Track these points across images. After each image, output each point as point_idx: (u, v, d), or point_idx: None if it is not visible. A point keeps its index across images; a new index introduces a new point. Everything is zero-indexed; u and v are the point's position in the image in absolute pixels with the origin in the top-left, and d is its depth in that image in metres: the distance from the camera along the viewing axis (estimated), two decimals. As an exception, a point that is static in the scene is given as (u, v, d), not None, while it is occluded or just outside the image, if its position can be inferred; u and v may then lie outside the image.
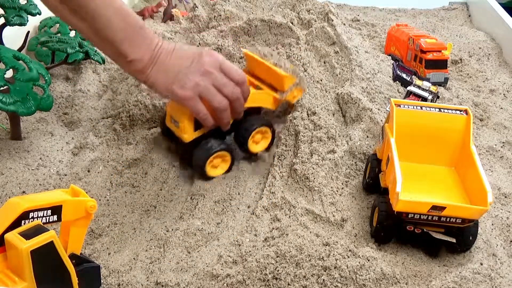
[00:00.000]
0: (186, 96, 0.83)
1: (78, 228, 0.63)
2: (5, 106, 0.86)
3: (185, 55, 0.85)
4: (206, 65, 0.84)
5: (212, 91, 0.84)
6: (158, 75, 0.84)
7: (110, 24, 0.82)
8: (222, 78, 0.84)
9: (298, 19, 1.17)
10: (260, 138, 0.93)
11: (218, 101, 0.84)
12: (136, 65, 0.84)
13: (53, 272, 0.58)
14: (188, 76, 0.83)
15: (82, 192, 0.63)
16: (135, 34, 0.84)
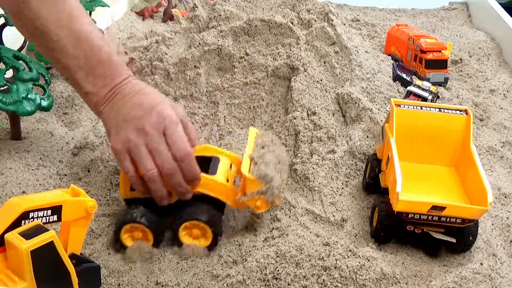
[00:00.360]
0: (114, 147, 0.73)
1: (78, 228, 0.63)
2: (5, 106, 0.86)
3: (141, 103, 0.74)
4: (146, 123, 0.72)
5: (143, 153, 0.71)
6: (108, 115, 0.76)
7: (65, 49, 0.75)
8: (159, 144, 0.72)
9: (298, 19, 1.17)
10: (199, 234, 0.74)
11: (146, 167, 0.71)
12: (90, 98, 0.77)
13: (53, 272, 0.57)
14: (124, 128, 0.73)
15: (82, 192, 0.63)
16: (92, 66, 0.76)
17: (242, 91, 1.04)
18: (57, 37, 0.75)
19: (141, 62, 1.15)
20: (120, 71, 0.78)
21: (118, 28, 1.52)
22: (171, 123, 0.73)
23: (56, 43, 0.75)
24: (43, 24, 0.74)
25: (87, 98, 0.78)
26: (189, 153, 0.72)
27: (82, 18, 0.78)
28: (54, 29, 0.75)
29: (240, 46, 1.07)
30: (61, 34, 0.75)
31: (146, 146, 0.72)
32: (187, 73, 1.05)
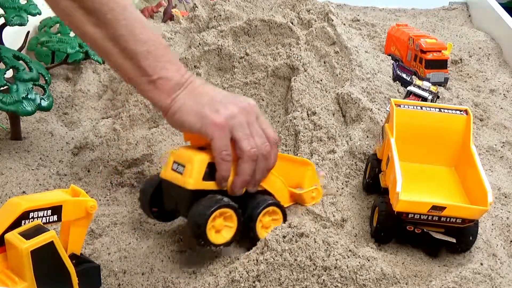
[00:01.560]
0: (218, 121, 0.69)
1: (78, 228, 0.63)
2: (5, 106, 0.86)
3: (220, 90, 0.75)
4: (244, 104, 0.72)
5: (247, 131, 0.70)
6: (186, 100, 0.72)
7: (134, 34, 0.71)
8: (257, 127, 0.72)
9: (298, 19, 1.17)
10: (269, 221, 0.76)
11: (251, 144, 0.70)
12: (163, 85, 0.72)
13: (53, 272, 0.57)
14: (225, 104, 0.71)
15: (82, 192, 0.63)
16: (161, 50, 0.73)
17: (242, 91, 1.04)
18: (125, 21, 0.71)
19: (141, 62, 1.15)
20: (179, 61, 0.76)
21: (118, 28, 1.52)
22: (260, 112, 0.75)
23: (125, 27, 0.71)
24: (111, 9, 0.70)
25: (158, 85, 0.72)
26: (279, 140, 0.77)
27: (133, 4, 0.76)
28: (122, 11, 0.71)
29: (240, 46, 1.07)
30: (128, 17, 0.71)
31: (248, 125, 0.71)
32: (187, 73, 1.05)
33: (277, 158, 0.76)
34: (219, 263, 0.73)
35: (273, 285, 0.68)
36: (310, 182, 0.84)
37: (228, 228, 0.71)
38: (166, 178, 0.73)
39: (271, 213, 0.76)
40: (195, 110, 0.71)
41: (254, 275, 0.68)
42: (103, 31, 0.71)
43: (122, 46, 0.71)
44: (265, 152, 0.72)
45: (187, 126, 0.72)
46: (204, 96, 0.72)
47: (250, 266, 0.69)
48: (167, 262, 0.74)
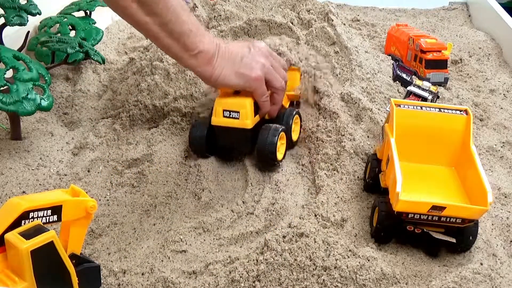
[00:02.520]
0: (258, 76, 0.87)
1: (78, 228, 0.63)
2: (5, 106, 0.86)
3: (239, 45, 0.90)
4: (263, 50, 0.90)
5: (274, 72, 0.90)
6: (224, 64, 0.86)
7: (179, 17, 0.82)
8: (275, 63, 0.91)
9: (298, 19, 1.17)
10: (294, 126, 0.95)
11: (280, 80, 0.90)
12: (203, 57, 0.84)
13: (53, 272, 0.58)
14: (255, 59, 0.88)
15: (82, 192, 0.63)
16: (199, 27, 0.85)
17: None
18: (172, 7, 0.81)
19: (141, 62, 1.15)
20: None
21: (118, 28, 1.52)
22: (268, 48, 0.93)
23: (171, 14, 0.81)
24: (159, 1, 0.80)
25: (200, 59, 0.84)
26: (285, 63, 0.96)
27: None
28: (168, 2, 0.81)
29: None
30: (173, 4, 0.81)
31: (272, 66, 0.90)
32: (187, 73, 1.05)
33: None
34: (219, 263, 0.73)
35: (273, 285, 0.68)
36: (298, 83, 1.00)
37: (282, 145, 0.91)
38: (221, 124, 0.89)
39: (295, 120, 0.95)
40: (235, 72, 0.87)
41: (254, 275, 0.68)
42: (154, 19, 0.81)
43: (170, 29, 0.82)
44: (285, 79, 0.93)
45: (233, 86, 0.89)
46: (235, 57, 0.87)
47: (250, 266, 0.69)
48: (167, 262, 0.74)
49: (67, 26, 1.19)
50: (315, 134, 0.96)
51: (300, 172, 0.93)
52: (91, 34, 1.19)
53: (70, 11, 1.27)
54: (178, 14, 0.82)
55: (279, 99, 0.92)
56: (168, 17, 0.81)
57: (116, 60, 1.30)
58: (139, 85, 1.07)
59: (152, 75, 1.07)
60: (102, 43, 1.34)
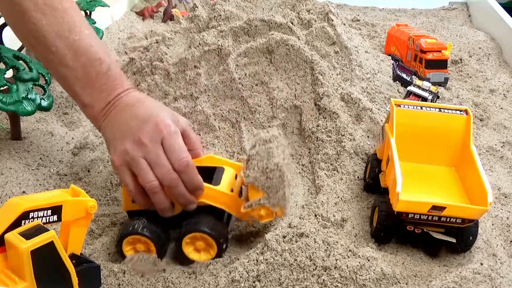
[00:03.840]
0: (113, 162, 0.72)
1: (78, 228, 0.63)
2: (5, 106, 0.86)
3: (137, 114, 0.72)
4: (142, 134, 0.70)
5: (141, 165, 0.69)
6: (106, 129, 0.75)
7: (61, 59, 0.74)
8: (157, 155, 0.69)
9: (298, 19, 1.17)
10: (203, 246, 0.72)
11: (145, 179, 0.69)
12: (89, 111, 0.76)
13: (53, 272, 0.57)
14: (121, 141, 0.71)
15: (82, 192, 0.63)
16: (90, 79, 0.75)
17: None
18: (55, 48, 0.74)
19: (141, 62, 1.15)
20: (119, 84, 0.76)
21: (118, 28, 1.52)
22: (169, 133, 0.70)
23: (54, 54, 0.74)
24: (42, 35, 0.73)
25: (86, 111, 0.77)
26: (188, 163, 0.70)
27: (82, 29, 0.76)
28: (52, 40, 0.74)
29: (240, 46, 1.07)
30: (59, 45, 0.74)
31: (145, 158, 0.69)
32: (187, 73, 1.05)
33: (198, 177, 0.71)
34: (219, 263, 0.73)
35: (273, 285, 0.68)
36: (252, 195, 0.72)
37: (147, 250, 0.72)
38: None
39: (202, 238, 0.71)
40: (107, 145, 0.75)
41: (254, 275, 0.68)
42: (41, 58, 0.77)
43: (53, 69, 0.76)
44: (169, 181, 0.69)
45: None
46: (117, 127, 0.73)
47: (250, 266, 0.69)
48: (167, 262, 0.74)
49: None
50: (315, 134, 0.96)
51: (300, 172, 0.93)
52: (91, 34, 1.19)
53: (70, 11, 1.26)
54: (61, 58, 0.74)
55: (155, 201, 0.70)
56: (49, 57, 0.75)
57: (116, 60, 1.30)
58: (139, 85, 1.07)
59: (152, 75, 1.08)
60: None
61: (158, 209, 0.72)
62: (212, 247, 0.72)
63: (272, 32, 1.05)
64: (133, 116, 0.72)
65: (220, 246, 0.72)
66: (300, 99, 1.00)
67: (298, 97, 1.01)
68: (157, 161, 0.69)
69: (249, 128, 0.99)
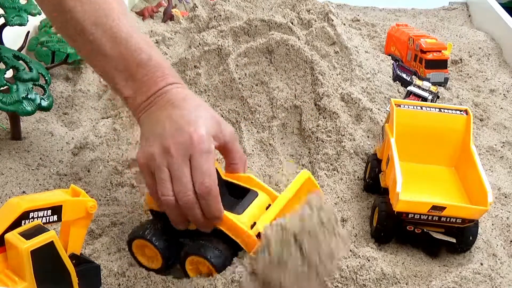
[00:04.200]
0: (139, 160, 0.66)
1: (78, 228, 0.63)
2: (5, 106, 0.86)
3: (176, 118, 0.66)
4: (173, 144, 0.64)
5: (163, 175, 0.64)
6: (143, 124, 0.70)
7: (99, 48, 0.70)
8: (181, 171, 0.63)
9: (298, 19, 1.17)
10: (205, 271, 0.67)
11: (162, 192, 0.64)
12: (130, 103, 0.71)
13: (53, 272, 0.57)
14: (151, 143, 0.66)
15: (82, 192, 0.63)
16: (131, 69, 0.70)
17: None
18: (92, 36, 0.69)
19: (141, 62, 1.15)
20: (161, 76, 0.70)
21: (118, 28, 1.52)
22: (200, 151, 0.63)
23: (92, 43, 0.70)
24: (79, 24, 0.69)
25: (127, 103, 0.72)
26: (210, 189, 0.63)
27: (120, 16, 0.71)
28: (89, 28, 0.69)
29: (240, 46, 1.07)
30: (96, 33, 0.69)
31: (168, 168, 0.64)
32: (187, 73, 1.05)
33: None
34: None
35: (273, 285, 0.67)
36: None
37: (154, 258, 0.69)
38: None
39: (204, 263, 0.66)
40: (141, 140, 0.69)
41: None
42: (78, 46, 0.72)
43: (93, 63, 0.72)
44: (185, 201, 0.63)
45: None
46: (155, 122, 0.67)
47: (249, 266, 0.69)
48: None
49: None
50: (315, 134, 0.96)
51: (300, 172, 0.93)
52: (91, 34, 1.19)
53: (70, 11, 1.26)
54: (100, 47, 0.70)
55: (168, 213, 0.66)
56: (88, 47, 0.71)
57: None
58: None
59: (152, 75, 1.07)
60: (102, 43, 1.34)
61: (171, 222, 0.67)
62: (213, 274, 0.66)
63: (272, 32, 1.05)
64: (171, 118, 0.66)
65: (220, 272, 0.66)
66: (300, 99, 1.01)
67: (298, 97, 1.01)
68: (179, 177, 0.63)
69: (249, 128, 0.99)
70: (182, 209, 0.64)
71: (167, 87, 0.70)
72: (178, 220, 0.66)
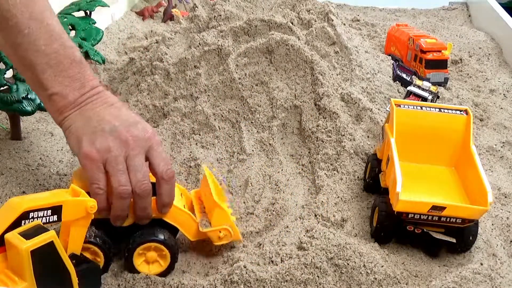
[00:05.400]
0: (89, 153, 0.65)
1: (78, 228, 0.63)
2: (5, 106, 0.86)
3: (120, 116, 0.69)
4: (131, 136, 0.67)
5: (120, 166, 0.65)
6: (77, 120, 0.69)
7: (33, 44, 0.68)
8: (140, 162, 0.66)
9: (298, 19, 1.17)
10: (155, 257, 0.70)
11: (120, 181, 0.65)
12: (56, 101, 0.69)
13: (53, 272, 0.57)
14: (104, 136, 0.66)
15: (82, 192, 0.63)
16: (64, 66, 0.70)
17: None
18: (28, 29, 0.68)
19: (141, 62, 1.15)
20: (91, 76, 0.72)
21: (118, 28, 1.52)
22: (157, 143, 0.68)
23: (26, 36, 0.68)
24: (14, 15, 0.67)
25: (52, 100, 0.70)
26: (173, 177, 0.68)
27: (53, 15, 0.72)
28: (26, 21, 0.68)
29: (240, 46, 1.07)
30: (33, 26, 0.68)
31: (125, 159, 0.66)
32: (187, 73, 1.05)
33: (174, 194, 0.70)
34: (220, 263, 0.73)
35: (273, 285, 0.68)
36: (218, 222, 0.72)
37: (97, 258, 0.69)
38: None
39: (156, 249, 0.69)
40: (77, 136, 0.68)
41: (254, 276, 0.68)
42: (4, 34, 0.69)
43: (21, 55, 0.69)
44: (140, 190, 0.66)
45: (70, 149, 0.71)
46: (93, 121, 0.68)
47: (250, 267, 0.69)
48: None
49: (67, 26, 1.18)
50: (315, 134, 0.96)
51: (300, 172, 0.93)
52: (91, 34, 1.19)
53: (70, 11, 1.26)
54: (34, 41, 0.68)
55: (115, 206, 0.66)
56: (19, 40, 0.68)
57: (116, 60, 1.30)
58: (139, 85, 1.07)
59: (152, 75, 1.07)
60: (102, 43, 1.34)
61: (113, 216, 0.67)
62: (165, 259, 0.70)
63: (272, 32, 1.05)
64: (116, 116, 0.69)
65: (174, 257, 0.70)
66: (300, 99, 1.01)
67: (298, 97, 1.01)
68: (139, 167, 0.66)
69: (249, 128, 0.99)
70: (135, 199, 0.66)
71: (98, 88, 0.72)
72: (124, 213, 0.67)
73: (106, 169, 0.66)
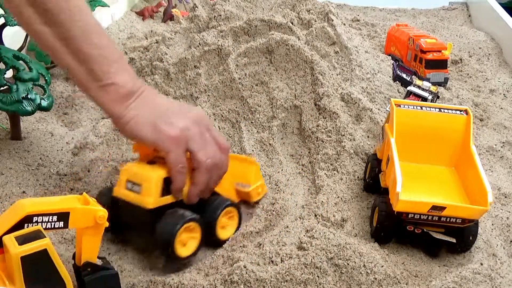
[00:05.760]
0: (176, 135, 0.69)
1: (90, 236, 0.61)
2: (5, 106, 0.86)
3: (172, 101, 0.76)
4: (197, 117, 0.73)
5: (201, 142, 0.71)
6: (141, 108, 0.71)
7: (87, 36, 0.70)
8: (210, 136, 0.73)
9: (298, 19, 1.17)
10: (226, 222, 0.77)
11: (206, 154, 0.71)
12: (115, 91, 0.70)
13: (46, 280, 0.55)
14: (178, 116, 0.71)
15: (92, 202, 0.61)
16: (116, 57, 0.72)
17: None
18: (81, 22, 0.69)
19: (141, 62, 1.15)
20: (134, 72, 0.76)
21: (118, 28, 1.52)
22: (211, 123, 0.77)
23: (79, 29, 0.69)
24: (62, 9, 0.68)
25: (109, 91, 0.70)
26: (229, 147, 0.77)
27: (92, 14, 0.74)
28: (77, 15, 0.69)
29: (240, 46, 1.07)
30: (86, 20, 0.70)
31: (200, 136, 0.72)
32: (187, 73, 1.05)
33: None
34: (219, 263, 0.73)
35: (273, 285, 0.68)
36: (256, 179, 0.84)
37: (193, 239, 0.71)
38: (121, 196, 0.72)
39: (226, 213, 0.77)
40: (150, 122, 0.70)
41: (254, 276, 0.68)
42: (54, 30, 0.69)
43: (74, 48, 0.69)
44: (218, 161, 0.73)
45: (142, 137, 0.71)
46: (158, 107, 0.72)
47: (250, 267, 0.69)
48: (167, 262, 0.74)
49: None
50: (315, 134, 0.96)
51: (300, 172, 0.93)
52: (91, 34, 1.19)
53: (70, 11, 1.26)
54: (87, 33, 0.69)
55: (200, 179, 0.72)
56: (72, 33, 0.68)
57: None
58: (139, 85, 1.07)
59: (152, 75, 1.07)
60: (102, 43, 1.34)
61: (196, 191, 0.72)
62: (235, 218, 0.78)
63: (272, 32, 1.05)
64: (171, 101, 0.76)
65: (240, 214, 0.79)
66: (300, 99, 1.01)
67: (298, 97, 1.01)
68: (210, 140, 0.73)
69: (249, 128, 0.99)
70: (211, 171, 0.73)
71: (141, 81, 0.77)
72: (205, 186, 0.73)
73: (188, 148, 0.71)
